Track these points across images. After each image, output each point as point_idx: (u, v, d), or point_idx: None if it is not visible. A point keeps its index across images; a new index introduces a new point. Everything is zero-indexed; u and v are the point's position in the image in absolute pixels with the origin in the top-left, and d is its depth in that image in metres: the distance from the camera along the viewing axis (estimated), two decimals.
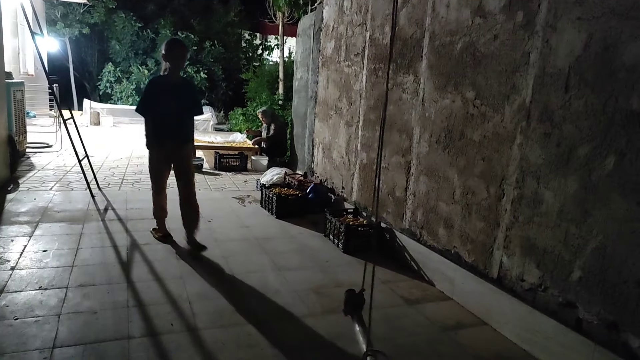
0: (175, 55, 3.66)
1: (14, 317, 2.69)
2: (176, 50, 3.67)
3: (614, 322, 2.26)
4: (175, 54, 3.66)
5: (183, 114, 3.78)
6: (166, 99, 3.68)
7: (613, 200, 2.25)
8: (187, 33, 16.55)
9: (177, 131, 3.78)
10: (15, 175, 6.14)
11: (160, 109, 3.68)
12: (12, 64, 10.42)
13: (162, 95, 3.68)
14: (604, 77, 2.29)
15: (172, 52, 3.64)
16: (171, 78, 3.70)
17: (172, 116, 3.71)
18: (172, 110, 3.69)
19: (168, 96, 3.68)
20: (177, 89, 3.73)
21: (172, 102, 3.69)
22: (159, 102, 3.67)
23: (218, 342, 2.58)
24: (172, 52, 3.64)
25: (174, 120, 3.72)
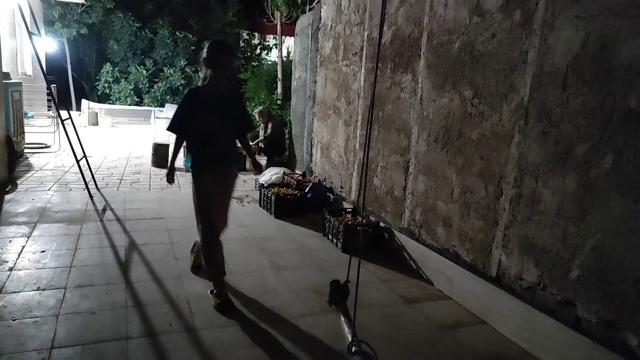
0: (220, 61, 2.95)
1: (12, 317, 2.69)
2: (222, 55, 2.97)
3: (612, 321, 2.26)
4: (221, 59, 2.96)
5: (230, 133, 3.14)
6: (209, 114, 2.96)
7: (611, 199, 2.25)
8: (185, 33, 16.56)
9: (224, 154, 3.08)
10: (14, 175, 6.13)
11: (202, 128, 2.96)
12: (9, 64, 10.40)
13: (203, 110, 2.94)
14: (601, 76, 2.29)
15: (217, 57, 2.95)
16: (214, 89, 2.98)
17: (217, 136, 3.01)
18: (217, 129, 3.00)
19: (211, 111, 2.96)
20: (222, 102, 3.00)
21: (216, 118, 2.97)
22: (199, 119, 2.95)
23: (216, 342, 2.58)
24: (217, 56, 2.95)
25: (219, 141, 3.04)
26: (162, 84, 16.37)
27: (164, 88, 16.38)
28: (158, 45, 16.56)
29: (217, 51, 2.96)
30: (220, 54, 2.96)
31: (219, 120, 2.99)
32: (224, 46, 3.04)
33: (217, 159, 3.04)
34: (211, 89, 2.98)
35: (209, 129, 2.97)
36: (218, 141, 3.03)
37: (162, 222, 4.63)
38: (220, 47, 3.01)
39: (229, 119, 3.05)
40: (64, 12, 15.60)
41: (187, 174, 7.09)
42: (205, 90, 2.99)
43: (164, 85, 16.36)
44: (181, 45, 16.52)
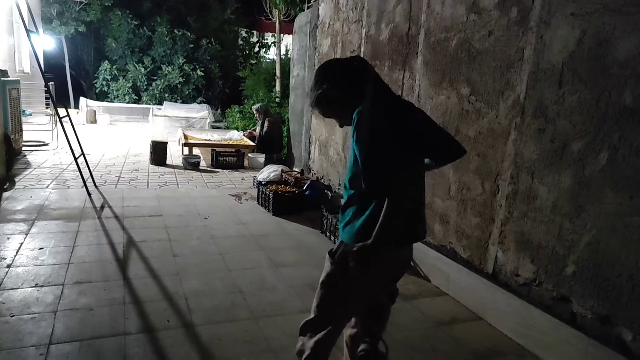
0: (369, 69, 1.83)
1: (10, 314, 2.70)
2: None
3: (607, 316, 2.28)
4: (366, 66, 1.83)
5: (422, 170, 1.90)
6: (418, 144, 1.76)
7: (606, 195, 2.26)
8: (183, 31, 16.53)
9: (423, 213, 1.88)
10: (12, 173, 6.13)
11: (414, 174, 1.78)
12: (7, 62, 10.38)
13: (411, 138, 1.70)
14: (597, 73, 2.30)
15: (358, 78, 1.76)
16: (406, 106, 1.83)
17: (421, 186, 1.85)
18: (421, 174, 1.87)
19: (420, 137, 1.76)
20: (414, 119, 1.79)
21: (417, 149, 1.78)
22: (412, 160, 1.76)
23: (214, 338, 2.59)
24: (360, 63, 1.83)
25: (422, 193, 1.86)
26: (160, 82, 16.35)
27: (162, 86, 16.36)
28: (156, 43, 16.54)
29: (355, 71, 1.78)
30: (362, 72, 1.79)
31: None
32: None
33: (422, 221, 1.83)
34: (402, 106, 1.81)
35: (418, 176, 1.81)
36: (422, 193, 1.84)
37: (160, 220, 4.64)
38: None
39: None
40: (62, 9, 15.56)
41: (185, 172, 7.16)
42: (401, 109, 1.76)
43: (162, 83, 16.34)
44: (179, 43, 16.49)
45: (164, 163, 7.59)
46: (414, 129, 1.70)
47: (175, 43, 16.53)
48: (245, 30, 20.03)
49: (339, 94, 1.74)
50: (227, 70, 17.48)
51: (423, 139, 1.74)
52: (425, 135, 1.76)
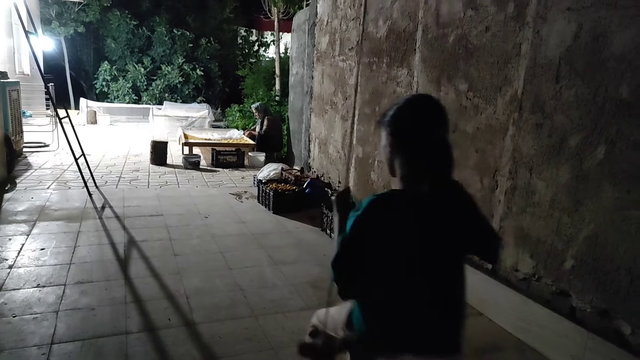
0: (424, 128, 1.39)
1: (12, 314, 2.71)
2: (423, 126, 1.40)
3: (606, 310, 2.28)
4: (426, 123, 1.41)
5: (459, 273, 1.48)
6: (426, 246, 1.38)
7: (604, 189, 2.27)
8: (182, 30, 16.52)
9: (448, 325, 1.45)
10: (13, 174, 6.14)
11: (407, 273, 1.39)
12: (7, 63, 10.40)
13: (407, 240, 1.36)
14: (593, 67, 2.31)
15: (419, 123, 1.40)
16: (428, 194, 1.36)
17: (438, 286, 1.42)
18: (439, 272, 1.42)
19: (430, 244, 1.38)
20: (444, 217, 1.38)
21: (438, 253, 1.40)
22: (401, 259, 1.37)
23: (215, 336, 2.61)
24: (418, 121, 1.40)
25: (443, 296, 1.43)
26: (160, 82, 16.34)
27: (162, 86, 16.35)
28: (155, 43, 16.53)
29: (419, 119, 1.41)
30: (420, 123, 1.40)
31: (443, 253, 1.41)
32: (427, 107, 1.46)
33: (433, 336, 1.41)
34: (421, 194, 1.36)
35: (425, 279, 1.40)
36: (440, 295, 1.42)
37: (161, 219, 4.65)
38: (422, 110, 1.43)
39: (457, 245, 1.44)
40: (61, 10, 15.55)
41: (186, 171, 7.18)
42: (412, 198, 1.38)
43: (162, 83, 16.34)
44: (179, 43, 16.48)
45: (165, 163, 7.60)
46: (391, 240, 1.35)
47: (174, 43, 16.52)
48: (245, 29, 20.02)
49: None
50: (227, 69, 17.47)
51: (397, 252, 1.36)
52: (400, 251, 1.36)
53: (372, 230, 1.36)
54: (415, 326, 1.39)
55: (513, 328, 2.79)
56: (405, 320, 1.40)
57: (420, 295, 1.39)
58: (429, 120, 1.41)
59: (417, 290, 1.38)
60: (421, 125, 1.39)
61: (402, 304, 1.39)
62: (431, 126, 1.40)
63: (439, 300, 1.41)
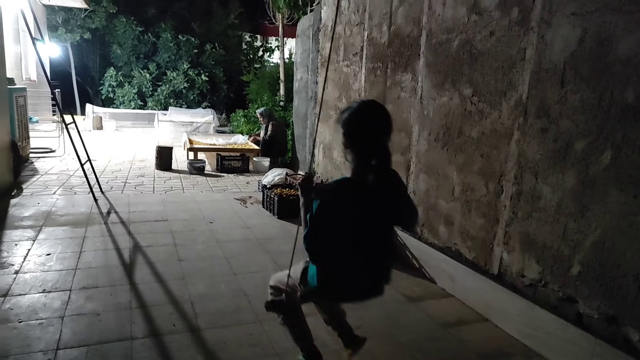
0: (368, 132, 1.86)
1: (18, 319, 2.72)
2: (370, 123, 1.87)
3: (613, 316, 2.26)
4: (370, 128, 1.86)
5: (389, 238, 2.07)
6: (365, 221, 1.88)
7: (610, 194, 2.25)
8: (187, 36, 16.62)
9: (378, 275, 2.04)
10: (19, 180, 6.18)
11: (353, 241, 1.89)
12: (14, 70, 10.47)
13: (353, 216, 1.85)
14: (599, 72, 2.30)
15: (364, 128, 1.86)
16: (368, 180, 1.83)
17: (371, 252, 1.95)
18: (373, 240, 1.93)
19: (367, 216, 1.87)
20: (381, 199, 1.87)
21: (372, 223, 1.91)
22: (349, 231, 1.87)
23: (220, 342, 2.60)
24: (363, 127, 1.87)
25: (374, 259, 1.97)
26: (165, 87, 16.43)
27: (167, 91, 16.43)
28: (161, 48, 16.63)
29: (361, 119, 1.86)
30: (368, 121, 1.87)
31: (376, 223, 1.92)
32: (370, 109, 1.90)
33: (366, 283, 2.02)
34: (364, 181, 1.83)
35: (361, 243, 1.90)
36: (372, 259, 1.96)
37: (166, 224, 4.66)
38: (365, 111, 1.89)
39: (387, 217, 1.97)
40: (67, 17, 15.68)
41: (191, 176, 7.19)
42: (357, 185, 1.84)
43: (167, 89, 16.42)
44: (184, 49, 16.57)
45: (170, 168, 7.63)
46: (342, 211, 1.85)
47: (179, 48, 16.62)
48: (249, 35, 20.10)
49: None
50: (232, 74, 17.54)
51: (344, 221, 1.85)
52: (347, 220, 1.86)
53: (333, 209, 1.83)
54: (356, 277, 1.96)
55: (519, 334, 2.77)
56: (350, 274, 1.94)
57: (360, 256, 1.91)
58: (376, 126, 1.86)
59: (359, 252, 1.89)
60: (370, 130, 1.85)
61: (348, 262, 1.91)
62: (378, 132, 1.86)
63: (373, 259, 1.96)
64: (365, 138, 1.84)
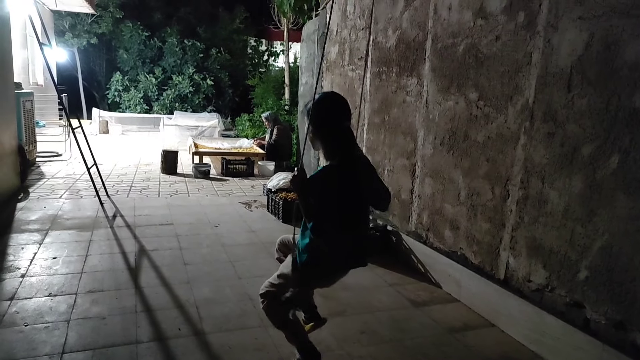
0: (330, 120, 2.13)
1: (24, 323, 2.73)
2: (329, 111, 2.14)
3: (621, 322, 2.24)
4: (333, 114, 2.14)
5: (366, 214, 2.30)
6: (352, 200, 2.14)
7: (618, 199, 2.24)
8: (193, 41, 16.72)
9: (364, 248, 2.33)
10: (26, 184, 6.22)
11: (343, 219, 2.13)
12: (21, 74, 10.57)
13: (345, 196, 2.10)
14: (606, 76, 2.29)
15: (326, 117, 2.12)
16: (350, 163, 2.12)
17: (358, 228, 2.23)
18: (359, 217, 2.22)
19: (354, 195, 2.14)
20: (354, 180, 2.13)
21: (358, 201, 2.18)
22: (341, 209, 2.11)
23: (224, 346, 2.60)
24: (325, 116, 2.12)
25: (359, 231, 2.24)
26: (171, 92, 16.53)
27: (173, 96, 16.53)
28: (167, 53, 16.75)
29: (323, 109, 2.11)
30: (328, 110, 2.13)
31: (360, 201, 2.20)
32: (327, 100, 2.19)
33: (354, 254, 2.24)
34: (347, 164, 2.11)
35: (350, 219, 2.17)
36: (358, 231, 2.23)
37: (171, 228, 4.67)
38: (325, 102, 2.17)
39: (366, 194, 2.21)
40: (74, 22, 15.83)
41: (196, 180, 7.21)
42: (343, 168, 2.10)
43: (173, 93, 16.52)
44: (189, 53, 16.68)
45: (175, 172, 7.65)
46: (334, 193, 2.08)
47: (185, 53, 16.72)
48: (254, 39, 20.19)
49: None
50: (237, 79, 17.62)
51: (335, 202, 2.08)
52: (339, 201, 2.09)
53: (327, 190, 2.06)
54: (348, 249, 2.18)
55: (526, 340, 2.75)
56: (344, 247, 2.17)
57: (350, 230, 2.16)
58: (339, 114, 2.13)
59: (349, 227, 2.15)
60: (335, 118, 2.11)
61: (342, 237, 2.14)
62: (341, 118, 2.13)
63: (359, 234, 2.22)
64: (331, 123, 2.11)
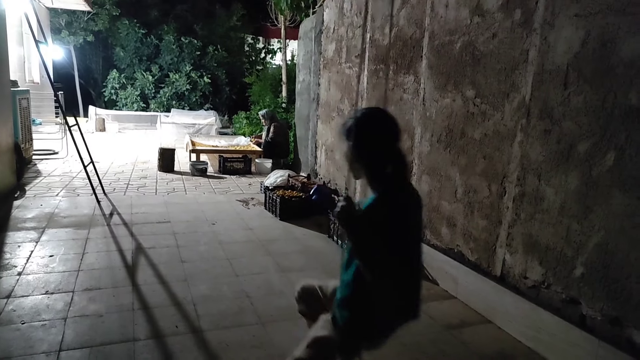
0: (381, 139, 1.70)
1: (21, 321, 2.73)
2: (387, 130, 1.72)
3: (617, 318, 2.25)
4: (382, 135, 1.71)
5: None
6: (418, 233, 1.83)
7: (614, 196, 2.25)
8: (190, 38, 16.66)
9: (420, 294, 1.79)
10: (22, 182, 6.20)
11: (412, 257, 1.70)
12: (17, 72, 10.51)
13: (413, 228, 1.73)
14: (602, 73, 2.29)
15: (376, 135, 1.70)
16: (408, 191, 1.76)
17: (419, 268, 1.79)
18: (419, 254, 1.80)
19: (418, 227, 1.90)
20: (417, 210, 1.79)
21: (419, 236, 1.88)
22: (410, 245, 1.69)
23: (222, 344, 2.60)
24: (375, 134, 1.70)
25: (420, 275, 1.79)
26: (168, 89, 16.47)
27: (170, 93, 16.48)
28: (163, 51, 16.68)
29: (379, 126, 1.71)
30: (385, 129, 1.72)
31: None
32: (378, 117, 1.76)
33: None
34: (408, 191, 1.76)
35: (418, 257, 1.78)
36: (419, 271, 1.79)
37: (169, 226, 4.67)
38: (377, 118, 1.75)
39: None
40: (71, 19, 15.74)
41: (193, 178, 7.20)
42: (406, 195, 1.73)
43: (170, 91, 16.46)
44: (186, 51, 16.62)
45: (172, 170, 7.64)
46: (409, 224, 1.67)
47: (182, 51, 16.66)
48: (251, 37, 20.13)
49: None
50: (234, 76, 17.58)
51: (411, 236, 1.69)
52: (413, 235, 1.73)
53: (395, 224, 1.59)
54: (414, 294, 1.72)
55: (522, 336, 2.76)
56: (409, 290, 1.68)
57: (415, 272, 1.71)
58: (393, 132, 1.71)
59: (414, 269, 1.70)
60: (388, 137, 1.69)
61: (407, 281, 1.65)
62: (396, 138, 1.71)
63: (419, 275, 1.75)
64: (384, 144, 1.68)
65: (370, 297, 1.63)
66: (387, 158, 1.68)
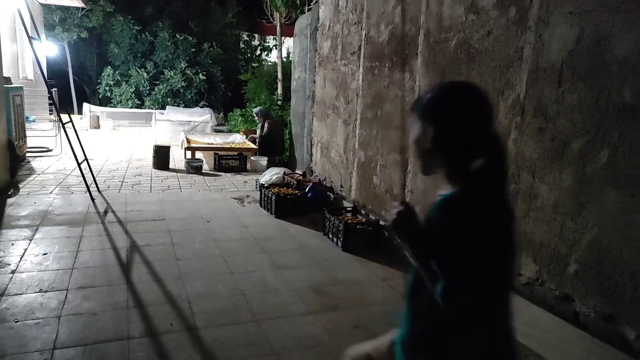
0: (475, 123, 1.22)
1: (14, 319, 2.71)
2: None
3: (610, 315, 2.27)
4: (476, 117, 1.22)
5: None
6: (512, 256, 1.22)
7: (607, 193, 2.26)
8: (185, 35, 16.58)
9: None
10: (16, 179, 6.16)
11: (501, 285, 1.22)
12: (10, 69, 10.44)
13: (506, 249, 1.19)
14: (596, 71, 2.30)
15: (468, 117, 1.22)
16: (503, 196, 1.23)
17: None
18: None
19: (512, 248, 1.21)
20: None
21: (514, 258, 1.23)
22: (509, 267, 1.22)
23: (217, 341, 2.60)
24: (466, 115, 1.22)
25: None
26: (162, 87, 16.40)
27: (165, 90, 16.40)
28: (158, 47, 16.60)
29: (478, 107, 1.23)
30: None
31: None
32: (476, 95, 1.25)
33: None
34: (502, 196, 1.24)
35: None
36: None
37: (163, 224, 4.65)
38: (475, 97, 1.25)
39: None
40: (64, 16, 15.63)
41: (188, 176, 7.19)
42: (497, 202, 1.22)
43: (165, 88, 16.39)
44: (181, 48, 16.54)
45: (167, 167, 7.61)
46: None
47: (177, 47, 16.58)
48: (247, 34, 20.06)
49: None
50: (229, 73, 17.51)
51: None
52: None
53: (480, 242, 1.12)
54: (509, 335, 1.26)
55: (516, 333, 2.76)
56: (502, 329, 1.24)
57: (506, 305, 1.24)
58: (489, 112, 1.23)
59: (505, 299, 1.23)
60: (483, 118, 1.22)
61: (498, 317, 1.22)
62: (492, 119, 1.23)
63: (509, 308, 1.24)
64: (472, 128, 1.21)
65: (449, 336, 1.21)
66: (480, 146, 1.20)
